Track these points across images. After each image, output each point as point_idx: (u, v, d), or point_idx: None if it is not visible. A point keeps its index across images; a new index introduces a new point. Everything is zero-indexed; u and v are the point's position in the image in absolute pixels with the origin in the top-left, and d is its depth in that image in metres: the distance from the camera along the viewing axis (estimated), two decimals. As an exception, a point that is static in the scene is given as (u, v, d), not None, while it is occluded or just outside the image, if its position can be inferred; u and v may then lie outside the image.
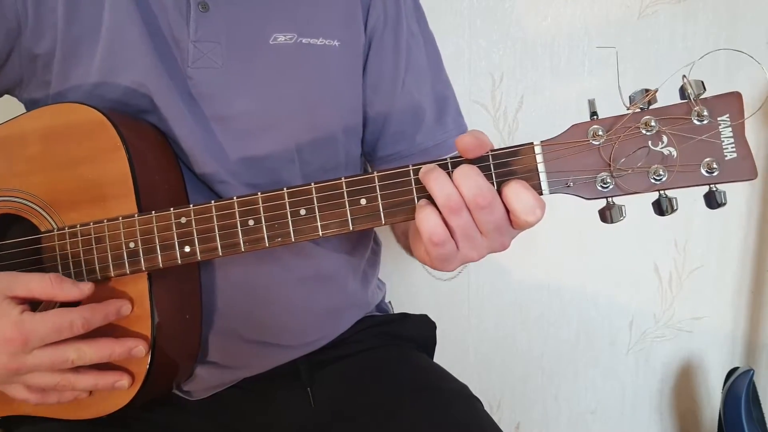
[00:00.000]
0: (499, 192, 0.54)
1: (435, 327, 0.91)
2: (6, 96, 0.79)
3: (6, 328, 0.56)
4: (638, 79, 1.26)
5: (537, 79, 1.27)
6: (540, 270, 1.38)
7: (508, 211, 0.54)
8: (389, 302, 0.98)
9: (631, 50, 1.27)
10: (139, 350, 0.62)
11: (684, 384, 1.51)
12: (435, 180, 0.54)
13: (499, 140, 1.29)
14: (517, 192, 0.53)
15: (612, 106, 0.53)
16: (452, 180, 0.53)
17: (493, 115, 1.28)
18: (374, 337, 0.84)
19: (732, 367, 1.34)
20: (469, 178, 0.53)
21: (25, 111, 0.75)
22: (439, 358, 0.88)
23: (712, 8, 1.28)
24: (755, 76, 1.26)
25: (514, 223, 0.55)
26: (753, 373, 1.27)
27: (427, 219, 0.54)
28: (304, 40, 0.74)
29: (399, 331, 0.87)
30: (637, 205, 0.58)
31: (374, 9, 0.79)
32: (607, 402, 1.50)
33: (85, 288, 0.61)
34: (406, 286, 1.31)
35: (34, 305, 0.61)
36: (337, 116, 0.77)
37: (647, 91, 0.51)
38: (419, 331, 0.89)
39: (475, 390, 0.77)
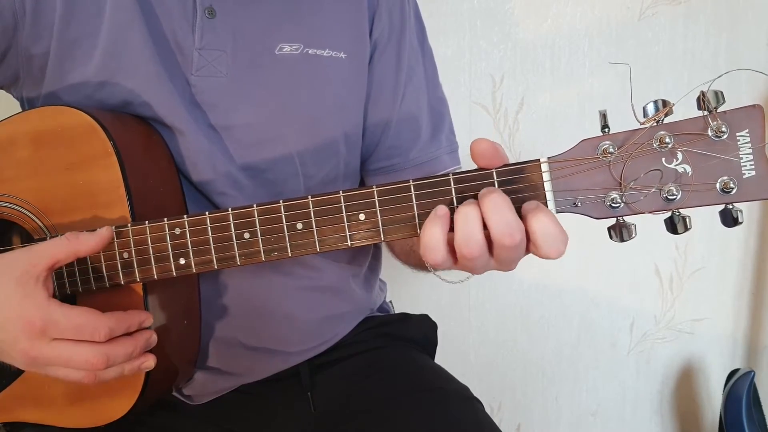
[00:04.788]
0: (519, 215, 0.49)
1: (436, 327, 0.91)
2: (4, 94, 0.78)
3: (30, 310, 0.54)
4: (639, 81, 1.26)
5: (537, 80, 1.27)
6: (541, 272, 1.38)
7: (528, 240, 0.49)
8: (390, 302, 0.98)
9: (632, 51, 1.27)
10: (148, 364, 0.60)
11: (685, 386, 1.51)
12: (458, 214, 0.49)
13: (499, 141, 1.28)
14: (542, 224, 0.48)
15: (613, 109, 0.51)
16: (480, 207, 0.49)
17: (493, 116, 1.28)
18: (375, 338, 0.84)
19: (733, 368, 1.34)
20: (499, 211, 0.48)
21: (19, 108, 0.74)
22: (439, 358, 0.88)
23: (713, 9, 1.28)
24: (757, 79, 1.26)
25: (532, 253, 0.51)
26: (754, 375, 1.27)
27: (431, 235, 0.50)
28: (310, 51, 0.72)
29: (400, 331, 0.86)
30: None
31: (379, 20, 0.77)
32: (607, 404, 1.50)
33: (104, 232, 0.58)
34: (407, 285, 1.30)
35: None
36: (340, 129, 0.76)
37: (664, 104, 0.47)
38: (420, 332, 0.89)
39: (476, 391, 0.77)
